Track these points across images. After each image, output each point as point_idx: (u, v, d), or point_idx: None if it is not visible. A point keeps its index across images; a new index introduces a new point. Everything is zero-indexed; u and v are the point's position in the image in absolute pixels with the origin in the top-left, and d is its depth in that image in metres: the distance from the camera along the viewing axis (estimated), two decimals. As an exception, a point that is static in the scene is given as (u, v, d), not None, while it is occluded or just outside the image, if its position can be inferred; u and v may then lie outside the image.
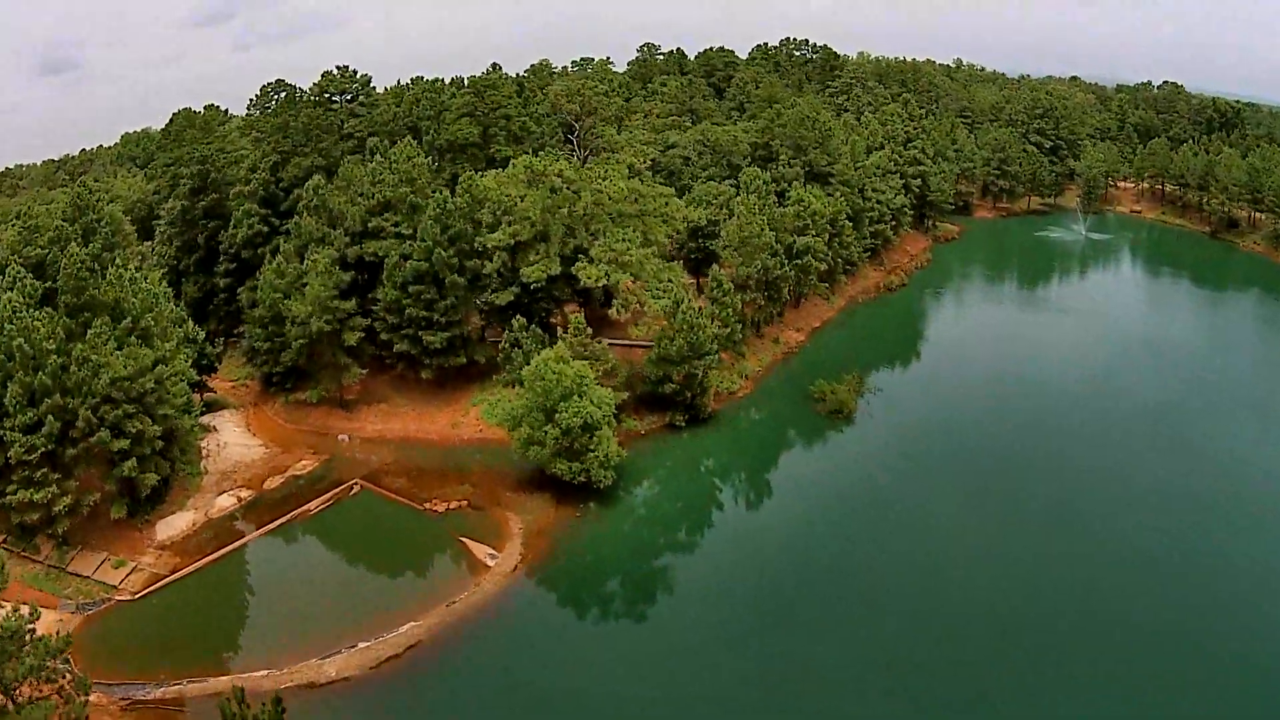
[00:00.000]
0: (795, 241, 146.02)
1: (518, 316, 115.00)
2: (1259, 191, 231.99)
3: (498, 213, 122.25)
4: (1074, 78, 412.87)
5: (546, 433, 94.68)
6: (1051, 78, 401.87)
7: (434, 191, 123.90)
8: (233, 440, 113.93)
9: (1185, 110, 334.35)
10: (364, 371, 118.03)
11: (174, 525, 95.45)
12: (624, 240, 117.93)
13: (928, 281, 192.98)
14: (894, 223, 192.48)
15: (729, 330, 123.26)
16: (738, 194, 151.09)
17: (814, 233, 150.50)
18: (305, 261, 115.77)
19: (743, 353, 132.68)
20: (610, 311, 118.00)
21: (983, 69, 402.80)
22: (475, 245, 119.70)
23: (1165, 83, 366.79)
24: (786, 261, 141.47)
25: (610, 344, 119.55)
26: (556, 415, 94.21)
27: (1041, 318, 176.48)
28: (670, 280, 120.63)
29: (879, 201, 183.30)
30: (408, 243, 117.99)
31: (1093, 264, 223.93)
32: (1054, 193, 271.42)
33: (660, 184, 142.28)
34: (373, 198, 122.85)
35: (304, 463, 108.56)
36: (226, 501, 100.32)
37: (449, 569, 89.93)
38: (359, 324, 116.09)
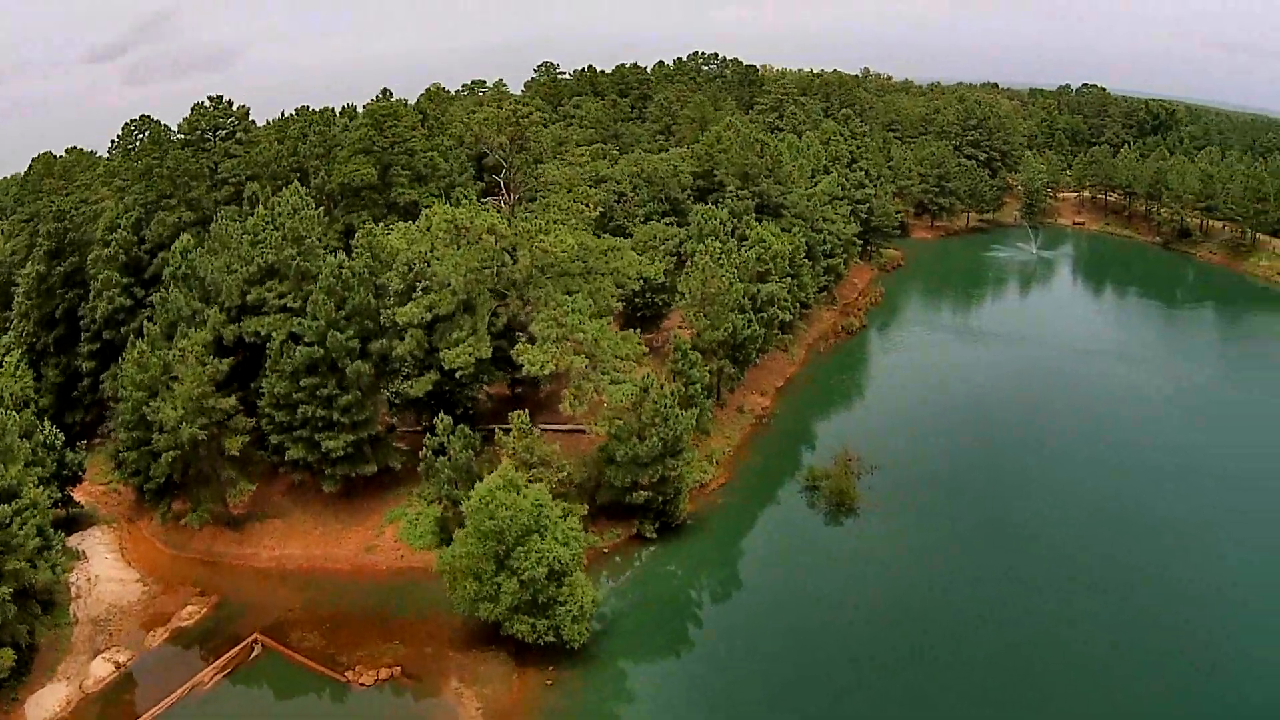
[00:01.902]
0: (759, 291, 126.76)
1: (441, 415, 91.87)
2: (1212, 199, 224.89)
3: (408, 276, 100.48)
4: (992, 84, 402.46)
5: (500, 586, 73.29)
6: (963, 84, 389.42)
7: (327, 251, 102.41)
8: (105, 572, 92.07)
9: (1117, 114, 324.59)
10: (252, 487, 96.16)
11: (45, 704, 74.92)
12: (574, 311, 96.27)
13: (887, 319, 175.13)
14: (845, 255, 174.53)
15: (699, 410, 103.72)
16: (688, 237, 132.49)
17: (776, 277, 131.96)
18: (174, 347, 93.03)
19: (708, 430, 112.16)
20: (563, 406, 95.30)
21: (889, 77, 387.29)
22: (381, 320, 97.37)
23: (1085, 85, 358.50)
24: (754, 317, 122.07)
25: (544, 429, 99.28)
26: (512, 561, 73.22)
27: (1027, 356, 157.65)
28: (630, 355, 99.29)
29: (830, 233, 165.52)
30: (297, 319, 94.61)
31: (1055, 287, 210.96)
32: (993, 208, 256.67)
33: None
34: (252, 262, 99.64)
35: (191, 608, 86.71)
36: (103, 670, 78.85)
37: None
38: (243, 425, 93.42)
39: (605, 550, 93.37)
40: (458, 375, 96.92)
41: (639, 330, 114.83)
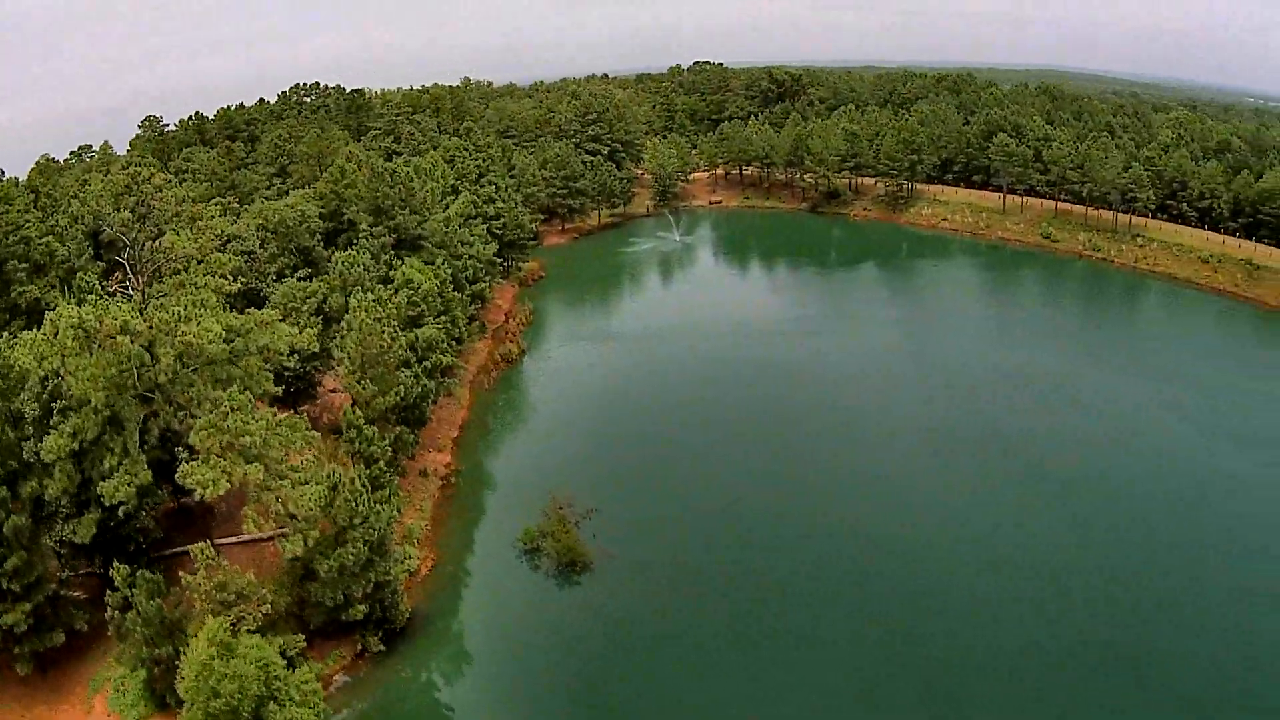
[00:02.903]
0: (418, 337, 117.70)
1: (117, 565, 77.60)
2: (859, 156, 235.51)
3: (43, 398, 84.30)
4: (601, 75, 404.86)
5: (254, 773, 62.00)
6: (568, 80, 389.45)
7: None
8: None
9: (738, 87, 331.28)
10: (-53, 687, 79.28)
11: None
12: (234, 410, 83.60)
13: (543, 338, 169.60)
14: (489, 277, 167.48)
15: (388, 490, 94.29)
16: (330, 290, 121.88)
17: (430, 317, 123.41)
18: None
19: (399, 507, 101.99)
20: (246, 527, 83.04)
21: (490, 84, 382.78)
22: (25, 456, 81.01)
23: (698, 63, 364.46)
24: (419, 369, 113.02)
25: (224, 544, 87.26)
26: (254, 739, 62.04)
27: (699, 349, 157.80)
28: (302, 444, 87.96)
29: (471, 256, 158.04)
30: (-59, 471, 77.88)
31: (707, 270, 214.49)
32: (625, 201, 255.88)
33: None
34: None
35: None
36: None
37: None
38: (-79, 612, 76.47)
39: (333, 677, 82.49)
40: (120, 510, 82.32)
41: (295, 407, 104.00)
